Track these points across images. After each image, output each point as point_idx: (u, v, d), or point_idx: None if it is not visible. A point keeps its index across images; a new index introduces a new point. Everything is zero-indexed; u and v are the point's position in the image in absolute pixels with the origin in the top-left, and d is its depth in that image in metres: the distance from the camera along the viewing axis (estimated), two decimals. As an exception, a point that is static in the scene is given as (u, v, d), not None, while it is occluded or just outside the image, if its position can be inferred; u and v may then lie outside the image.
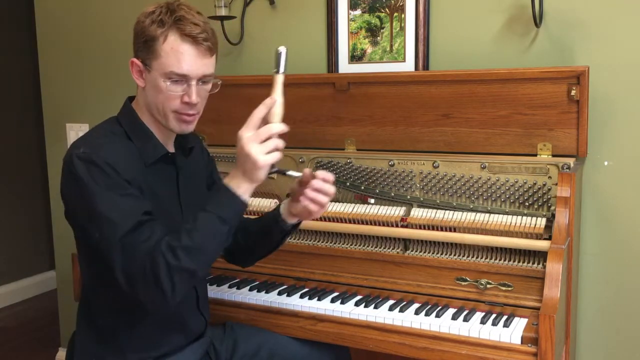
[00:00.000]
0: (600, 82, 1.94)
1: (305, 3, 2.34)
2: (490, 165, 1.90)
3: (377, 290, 1.87)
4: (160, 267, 1.31)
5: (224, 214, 1.36)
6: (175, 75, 1.42)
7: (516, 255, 1.77)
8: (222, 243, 1.39)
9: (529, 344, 1.54)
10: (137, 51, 1.46)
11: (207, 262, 1.41)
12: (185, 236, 1.34)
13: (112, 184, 1.38)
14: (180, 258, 1.32)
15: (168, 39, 1.41)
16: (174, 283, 1.33)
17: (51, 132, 2.97)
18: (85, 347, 1.56)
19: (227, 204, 1.37)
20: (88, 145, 1.43)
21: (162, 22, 1.41)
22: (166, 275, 1.32)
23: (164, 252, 1.32)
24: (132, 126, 1.52)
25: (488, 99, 1.95)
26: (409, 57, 2.18)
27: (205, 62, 1.45)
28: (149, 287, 1.34)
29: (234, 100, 2.31)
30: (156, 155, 1.51)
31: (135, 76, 1.48)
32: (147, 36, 1.42)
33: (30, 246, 4.30)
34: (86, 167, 1.38)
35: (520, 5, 2.02)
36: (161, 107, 1.45)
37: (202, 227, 1.35)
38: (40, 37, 2.94)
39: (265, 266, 2.02)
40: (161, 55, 1.41)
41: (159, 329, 1.55)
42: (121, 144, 1.48)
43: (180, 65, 1.41)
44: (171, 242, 1.33)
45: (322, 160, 2.11)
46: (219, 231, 1.36)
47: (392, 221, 1.92)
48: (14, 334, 3.65)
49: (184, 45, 1.41)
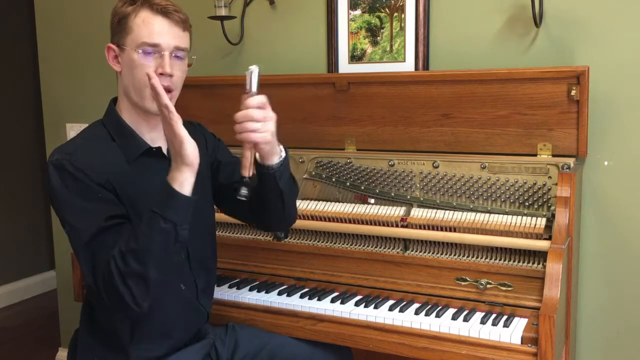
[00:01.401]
0: (600, 82, 1.94)
1: (305, 3, 2.34)
2: (490, 165, 1.90)
3: (377, 290, 1.86)
4: (113, 274, 1.32)
5: (166, 213, 1.32)
6: (147, 45, 1.44)
7: (516, 255, 1.77)
8: (171, 241, 1.34)
9: (529, 344, 1.54)
10: (112, 35, 1.50)
11: (159, 263, 1.34)
12: (133, 239, 1.33)
13: (82, 189, 1.40)
14: (129, 262, 1.32)
15: (139, 13, 1.45)
16: (130, 288, 1.33)
17: (51, 132, 2.97)
18: (88, 346, 1.57)
19: (167, 201, 1.33)
20: (62, 151, 1.46)
21: (133, 1, 1.46)
22: (120, 281, 1.32)
23: (116, 258, 1.33)
24: (115, 126, 1.54)
25: (488, 99, 1.95)
26: (409, 57, 2.18)
27: (179, 34, 1.47)
28: (110, 293, 1.35)
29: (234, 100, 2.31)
30: (139, 150, 1.52)
31: (111, 62, 1.51)
32: (119, 15, 1.47)
33: (30, 246, 4.29)
34: (58, 174, 1.41)
35: (520, 5, 2.02)
36: (137, 84, 1.46)
37: (147, 227, 1.33)
38: (41, 36, 2.94)
39: (265, 266, 2.02)
40: (133, 30, 1.45)
41: (161, 326, 1.55)
42: (100, 146, 1.50)
43: (151, 35, 1.44)
44: (121, 246, 1.34)
45: (322, 160, 2.11)
46: (164, 230, 1.32)
47: (392, 221, 1.92)
48: (14, 334, 3.65)
49: (155, 16, 1.45)
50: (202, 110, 2.30)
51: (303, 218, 2.02)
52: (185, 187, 1.34)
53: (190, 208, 1.36)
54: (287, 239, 2.03)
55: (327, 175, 2.10)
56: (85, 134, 1.56)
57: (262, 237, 2.07)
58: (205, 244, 1.69)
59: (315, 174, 2.12)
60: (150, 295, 1.37)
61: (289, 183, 1.58)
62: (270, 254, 2.02)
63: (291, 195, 1.62)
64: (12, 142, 4.19)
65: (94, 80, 2.81)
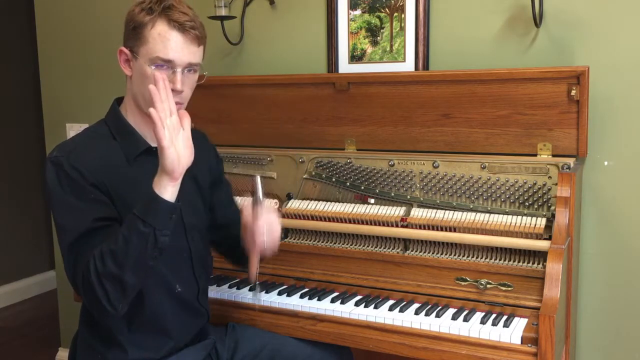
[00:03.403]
0: (600, 82, 1.94)
1: (305, 3, 2.34)
2: (490, 165, 1.90)
3: (377, 290, 1.86)
4: (91, 273, 1.33)
5: (147, 216, 1.31)
6: (161, 61, 1.43)
7: (516, 255, 1.77)
8: (150, 246, 1.32)
9: (529, 344, 1.54)
10: (126, 40, 1.49)
11: (136, 267, 1.33)
12: (113, 240, 1.33)
13: (75, 188, 1.41)
14: (106, 263, 1.32)
15: (156, 25, 1.43)
16: (106, 290, 1.33)
17: (51, 132, 2.97)
18: (88, 344, 1.57)
19: (148, 205, 1.33)
20: (61, 149, 1.47)
21: (151, 10, 1.44)
22: (96, 281, 1.32)
23: (95, 258, 1.33)
24: (116, 125, 1.54)
25: (488, 99, 1.95)
26: (409, 57, 2.18)
27: (192, 51, 1.46)
28: (87, 292, 1.35)
29: (234, 100, 2.32)
30: (139, 149, 1.52)
31: (123, 65, 1.50)
32: (135, 23, 1.45)
33: (30, 246, 4.29)
34: (55, 172, 1.42)
35: (520, 5, 2.02)
36: (147, 95, 1.45)
37: (126, 229, 1.33)
38: (41, 36, 2.94)
39: (265, 266, 2.02)
40: (148, 41, 1.43)
41: (157, 326, 1.55)
42: (100, 145, 1.50)
43: (166, 50, 1.43)
44: (102, 247, 1.34)
45: (322, 160, 2.11)
46: (143, 233, 1.31)
47: (392, 221, 1.92)
48: (14, 334, 3.65)
49: (172, 32, 1.43)
50: (201, 110, 2.30)
51: (303, 218, 2.02)
52: (166, 193, 1.33)
53: (171, 214, 1.34)
54: (287, 239, 2.03)
55: (327, 175, 2.10)
56: (87, 132, 1.56)
57: (262, 237, 2.07)
58: (206, 244, 1.70)
59: (315, 174, 2.12)
60: (126, 299, 1.37)
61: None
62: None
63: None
64: (12, 142, 4.19)
65: (93, 80, 2.81)
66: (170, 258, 1.54)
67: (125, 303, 1.38)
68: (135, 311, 1.50)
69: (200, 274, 1.64)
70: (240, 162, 2.23)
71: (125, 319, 1.51)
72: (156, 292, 1.52)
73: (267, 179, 2.18)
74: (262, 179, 1.53)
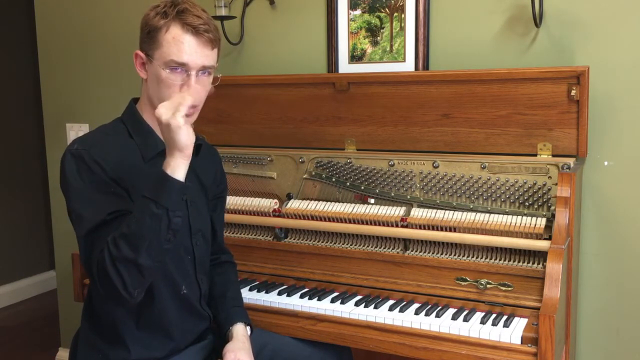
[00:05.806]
0: (600, 82, 1.94)
1: (305, 3, 2.34)
2: (490, 165, 1.90)
3: (377, 290, 1.87)
4: (106, 259, 1.33)
5: (159, 198, 1.32)
6: (175, 64, 1.44)
7: (516, 255, 1.77)
8: (163, 227, 1.32)
9: (529, 344, 1.54)
10: (141, 43, 1.50)
11: (151, 250, 1.33)
12: (125, 225, 1.34)
13: (96, 181, 1.43)
14: (120, 247, 1.32)
15: (170, 29, 1.44)
16: (121, 274, 1.33)
17: (51, 132, 2.97)
18: (89, 342, 1.58)
19: (159, 185, 1.33)
20: (83, 142, 1.49)
21: (166, 14, 1.45)
22: (111, 266, 1.33)
23: (109, 243, 1.34)
24: (134, 124, 1.56)
25: (488, 99, 1.95)
26: (409, 57, 2.18)
27: (206, 54, 1.47)
28: (102, 280, 1.36)
29: (234, 100, 2.32)
30: (156, 149, 1.53)
31: (138, 68, 1.51)
32: (150, 27, 1.46)
33: (30, 246, 4.30)
34: (75, 163, 1.44)
35: (520, 5, 2.02)
36: (162, 98, 1.46)
37: (139, 212, 1.33)
38: (40, 36, 2.94)
39: (265, 266, 2.02)
40: (163, 45, 1.44)
41: (162, 326, 1.55)
42: (119, 142, 1.52)
43: (180, 54, 1.43)
44: (115, 233, 1.35)
45: (322, 160, 2.11)
46: (156, 215, 1.31)
47: (392, 221, 1.92)
48: (14, 334, 3.65)
49: (186, 35, 1.44)
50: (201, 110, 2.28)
51: (303, 218, 2.02)
52: (178, 173, 1.34)
53: (182, 194, 1.35)
54: (287, 239, 2.03)
55: (327, 175, 2.10)
56: (105, 128, 1.58)
57: (262, 237, 2.07)
58: (207, 251, 1.71)
59: (315, 174, 2.12)
60: (142, 285, 1.37)
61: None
62: (271, 254, 2.02)
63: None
64: (12, 142, 4.19)
65: (94, 81, 2.81)
66: (178, 258, 1.55)
67: (141, 289, 1.38)
68: (144, 308, 1.51)
69: (202, 279, 1.65)
70: (240, 162, 2.23)
71: (134, 316, 1.52)
72: (164, 292, 1.53)
73: (267, 179, 2.18)
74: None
